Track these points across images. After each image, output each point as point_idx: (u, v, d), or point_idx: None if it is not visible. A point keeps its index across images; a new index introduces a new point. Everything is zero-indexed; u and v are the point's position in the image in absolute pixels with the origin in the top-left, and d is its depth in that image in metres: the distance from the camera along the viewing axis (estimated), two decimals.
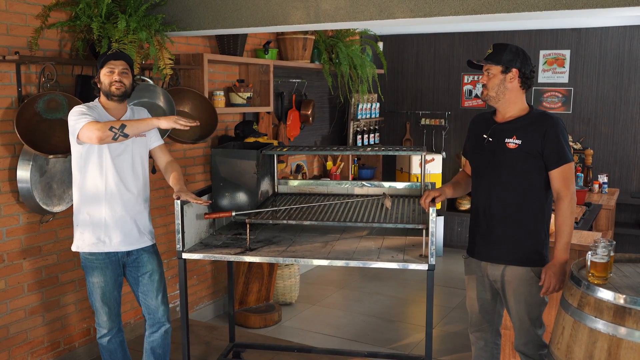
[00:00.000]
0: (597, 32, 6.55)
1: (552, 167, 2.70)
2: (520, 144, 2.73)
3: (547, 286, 2.70)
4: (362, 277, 5.93)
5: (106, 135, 2.81)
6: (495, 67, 2.76)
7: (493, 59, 2.77)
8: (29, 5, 3.39)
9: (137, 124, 2.91)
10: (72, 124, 2.88)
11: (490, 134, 2.83)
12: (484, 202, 2.86)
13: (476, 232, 2.93)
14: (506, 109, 2.81)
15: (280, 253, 2.91)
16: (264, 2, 3.38)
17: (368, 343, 4.39)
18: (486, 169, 2.85)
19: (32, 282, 3.58)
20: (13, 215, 3.44)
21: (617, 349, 2.21)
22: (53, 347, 3.73)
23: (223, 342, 4.14)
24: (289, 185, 3.77)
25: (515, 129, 2.76)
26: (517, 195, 2.77)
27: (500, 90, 2.76)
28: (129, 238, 3.06)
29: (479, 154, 2.89)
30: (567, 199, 2.68)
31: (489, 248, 2.86)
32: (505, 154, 2.76)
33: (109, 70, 2.95)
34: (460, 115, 7.29)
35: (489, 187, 2.84)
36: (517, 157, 2.74)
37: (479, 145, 2.88)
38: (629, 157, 6.56)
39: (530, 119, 2.76)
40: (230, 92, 4.75)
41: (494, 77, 2.77)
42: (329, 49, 5.72)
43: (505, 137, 2.77)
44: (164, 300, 3.20)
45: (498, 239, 2.82)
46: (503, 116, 2.84)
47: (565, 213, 2.68)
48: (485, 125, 2.89)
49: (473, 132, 2.98)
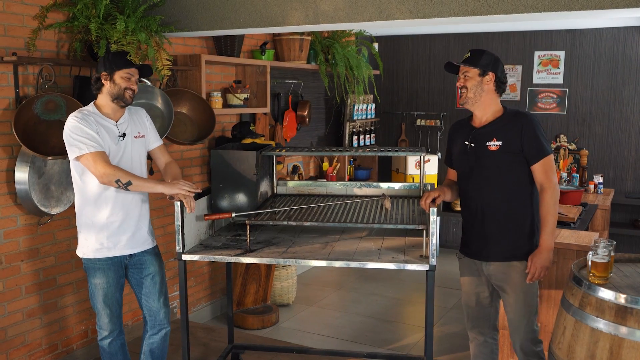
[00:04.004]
0: (591, 33, 6.59)
1: (533, 162, 2.83)
2: (501, 145, 2.84)
3: (533, 272, 2.81)
4: (359, 278, 5.93)
5: (109, 183, 2.85)
6: (473, 70, 2.87)
7: (471, 62, 2.87)
8: (27, 6, 3.37)
9: (143, 185, 2.91)
10: (72, 142, 2.84)
11: (472, 140, 2.93)
12: (475, 203, 2.94)
13: (471, 232, 3.01)
14: (482, 112, 2.92)
15: (281, 254, 2.91)
16: (263, 3, 3.38)
17: (366, 344, 4.40)
18: (472, 173, 2.94)
19: (30, 284, 3.56)
20: (11, 217, 3.42)
21: (618, 349, 2.22)
22: (51, 349, 3.71)
23: (221, 343, 4.13)
24: (288, 186, 3.77)
25: (494, 131, 2.87)
26: (505, 193, 2.88)
27: (477, 92, 2.88)
28: (132, 241, 3.05)
29: (464, 160, 2.98)
30: (550, 190, 2.79)
31: (484, 247, 2.94)
32: (489, 156, 2.87)
33: (128, 76, 2.93)
34: (456, 116, 7.31)
35: (478, 189, 2.93)
36: (500, 158, 2.85)
37: (463, 151, 2.98)
38: (623, 158, 6.60)
39: (506, 119, 2.88)
40: (227, 93, 4.74)
41: (471, 79, 2.87)
42: (325, 50, 5.73)
43: (486, 141, 2.88)
44: (165, 302, 3.20)
45: (493, 237, 2.91)
46: (480, 120, 2.94)
47: (549, 203, 2.79)
48: (465, 132, 2.99)
49: (454, 141, 3.08)
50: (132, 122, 3.08)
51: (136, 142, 3.08)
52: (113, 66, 2.91)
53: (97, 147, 2.84)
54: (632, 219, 6.57)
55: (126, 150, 3.02)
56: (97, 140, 2.86)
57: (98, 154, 2.83)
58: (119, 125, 3.00)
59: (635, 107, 6.50)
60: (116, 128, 2.99)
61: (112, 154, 2.95)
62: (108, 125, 2.96)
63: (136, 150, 3.07)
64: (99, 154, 2.84)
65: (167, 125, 3.82)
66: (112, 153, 2.95)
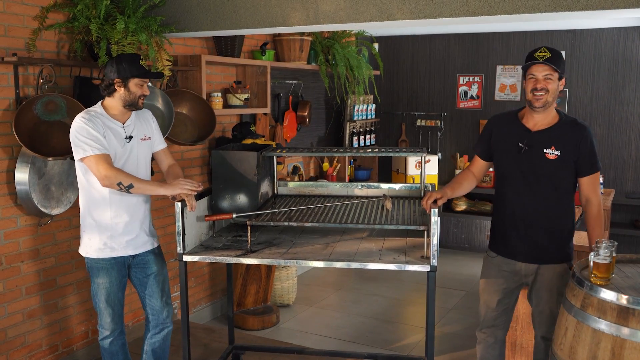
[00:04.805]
0: (591, 34, 6.59)
1: (584, 175, 2.86)
2: (560, 154, 2.81)
3: None
4: (359, 278, 5.93)
5: (111, 186, 2.85)
6: (555, 73, 2.78)
7: (555, 63, 2.76)
8: (27, 6, 3.37)
9: (145, 188, 2.92)
10: (77, 143, 2.85)
11: (527, 143, 2.86)
12: (521, 206, 2.93)
13: (512, 234, 2.97)
14: (547, 115, 2.86)
15: (282, 255, 2.90)
16: (263, 4, 3.37)
17: (366, 344, 4.39)
18: (521, 176, 2.91)
19: (30, 285, 3.55)
20: (11, 218, 3.41)
21: (620, 350, 2.22)
22: (51, 350, 3.71)
23: (221, 344, 4.13)
24: (289, 186, 3.76)
25: (552, 138, 2.83)
26: (552, 199, 2.89)
27: (555, 97, 2.82)
28: (136, 242, 3.06)
29: (515, 162, 2.91)
30: (596, 204, 2.86)
31: (527, 249, 2.94)
32: (545, 163, 2.84)
33: (142, 83, 2.95)
34: (456, 116, 7.31)
35: (525, 192, 2.91)
36: (556, 167, 2.83)
37: (511, 151, 2.91)
38: (623, 158, 6.60)
39: (565, 128, 2.84)
40: (227, 94, 4.74)
41: (553, 82, 2.78)
42: (326, 50, 5.72)
43: (544, 147, 2.83)
44: (168, 302, 3.21)
45: (536, 241, 2.92)
46: (535, 123, 2.87)
47: (597, 216, 2.85)
48: (517, 131, 2.91)
49: (498, 135, 3.00)
50: (138, 124, 3.08)
51: (142, 145, 3.08)
52: (128, 74, 2.90)
53: (102, 150, 2.84)
54: (633, 219, 6.57)
55: (132, 153, 3.01)
56: (102, 143, 2.85)
57: (101, 156, 2.83)
58: (125, 128, 3.00)
59: (635, 108, 6.49)
60: (123, 130, 2.98)
61: (118, 156, 2.95)
62: (115, 127, 2.95)
63: (142, 152, 3.08)
64: (102, 156, 2.83)
65: (168, 126, 3.82)
66: (118, 155, 2.95)
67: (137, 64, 2.93)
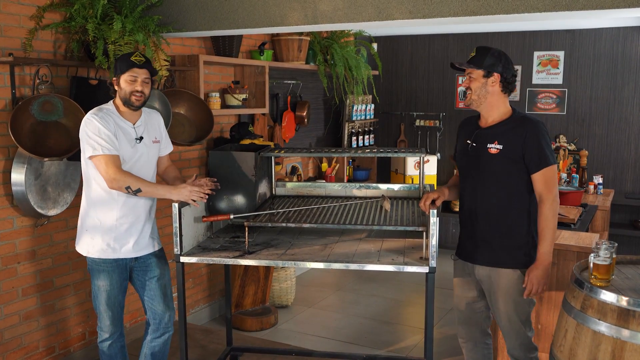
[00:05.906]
0: (591, 34, 6.57)
1: (534, 171, 2.74)
2: (502, 149, 2.77)
3: (530, 288, 2.74)
4: (357, 279, 5.91)
5: (119, 189, 2.82)
6: (477, 71, 2.79)
7: (475, 62, 2.79)
8: (23, 6, 3.35)
9: (153, 192, 2.89)
10: (88, 141, 2.81)
11: (474, 139, 2.87)
12: (470, 204, 2.91)
13: (463, 233, 2.98)
14: (488, 112, 2.85)
15: (280, 256, 2.88)
16: (261, 3, 3.35)
17: (365, 345, 4.38)
18: (470, 173, 2.91)
19: (27, 287, 3.53)
20: (7, 219, 3.39)
21: (621, 352, 2.20)
22: (48, 352, 3.69)
23: (219, 345, 4.11)
24: (287, 187, 3.74)
25: (497, 134, 2.80)
26: (500, 198, 2.82)
27: (482, 93, 2.80)
28: (139, 244, 3.03)
29: (465, 158, 2.94)
30: (548, 202, 2.71)
31: (475, 250, 2.90)
32: (488, 158, 2.81)
33: (132, 79, 2.86)
34: (455, 116, 7.29)
35: (474, 190, 2.89)
36: (499, 162, 2.78)
37: (464, 149, 2.93)
38: (622, 158, 6.59)
39: (512, 124, 2.80)
40: (225, 94, 4.72)
41: (475, 81, 2.80)
42: (324, 50, 5.70)
43: (487, 143, 2.82)
44: (170, 306, 3.16)
45: (484, 241, 2.86)
46: (486, 121, 2.88)
47: (548, 216, 2.71)
48: (470, 130, 2.94)
49: (461, 136, 3.03)
50: (149, 126, 3.06)
51: (152, 147, 3.06)
52: (118, 71, 2.88)
53: (112, 150, 2.81)
54: (632, 220, 6.55)
55: (142, 154, 2.99)
56: (113, 143, 2.82)
57: (111, 157, 2.80)
58: (136, 128, 2.97)
59: (634, 108, 6.48)
60: (134, 131, 2.96)
61: (127, 156, 2.92)
62: (126, 127, 2.93)
63: (151, 155, 3.06)
64: (112, 157, 2.81)
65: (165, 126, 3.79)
66: (127, 156, 2.92)
67: (127, 61, 2.87)
